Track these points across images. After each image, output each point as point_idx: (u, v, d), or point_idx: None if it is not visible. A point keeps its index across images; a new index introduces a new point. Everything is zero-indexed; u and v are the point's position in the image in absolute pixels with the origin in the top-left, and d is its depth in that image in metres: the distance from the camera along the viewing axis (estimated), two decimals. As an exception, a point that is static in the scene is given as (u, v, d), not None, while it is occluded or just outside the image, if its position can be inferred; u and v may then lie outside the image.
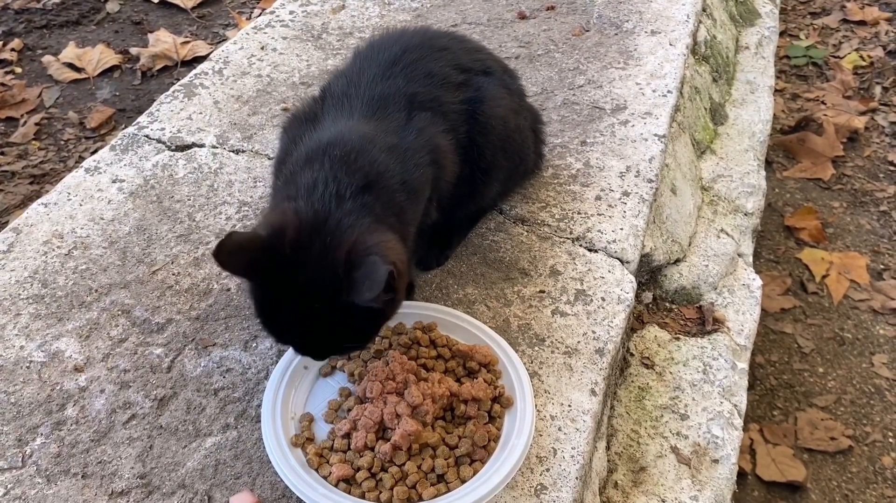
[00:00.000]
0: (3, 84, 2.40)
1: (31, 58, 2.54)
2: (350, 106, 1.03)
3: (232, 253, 0.85)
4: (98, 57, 2.50)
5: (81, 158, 2.19)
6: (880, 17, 2.96)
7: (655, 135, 1.42)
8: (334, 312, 0.86)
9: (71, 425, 0.99)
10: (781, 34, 2.93)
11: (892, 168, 2.38)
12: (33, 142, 2.25)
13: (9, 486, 0.92)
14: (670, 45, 1.67)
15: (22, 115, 2.33)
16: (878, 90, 2.66)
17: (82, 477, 0.93)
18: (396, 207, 0.95)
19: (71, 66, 2.48)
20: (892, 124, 2.53)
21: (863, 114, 2.55)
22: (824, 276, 2.02)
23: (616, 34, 1.72)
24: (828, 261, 2.06)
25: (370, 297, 0.81)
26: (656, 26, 1.74)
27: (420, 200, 1.00)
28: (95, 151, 2.18)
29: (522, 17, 1.79)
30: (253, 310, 0.92)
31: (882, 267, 2.07)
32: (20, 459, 0.95)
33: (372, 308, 0.85)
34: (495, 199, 1.25)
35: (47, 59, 2.50)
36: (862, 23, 2.97)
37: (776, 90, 2.61)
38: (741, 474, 1.59)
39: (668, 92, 1.53)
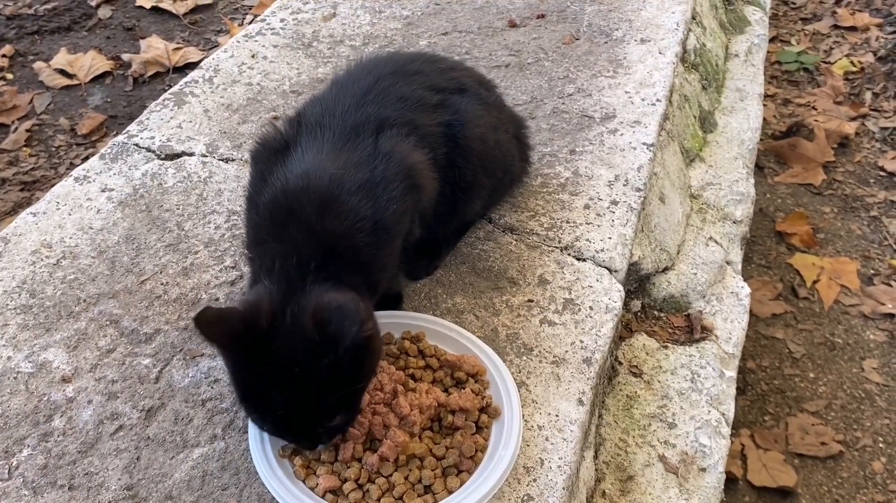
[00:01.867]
0: (-6, 90, 2.40)
1: (23, 64, 2.54)
2: (322, 137, 1.01)
3: (211, 323, 0.84)
4: (89, 63, 2.50)
5: (73, 165, 2.18)
6: (871, 23, 2.98)
7: (644, 143, 1.43)
8: (312, 377, 0.84)
9: (58, 436, 0.98)
10: (773, 40, 2.94)
11: (882, 173, 2.39)
12: (24, 148, 2.24)
13: (-5, 499, 0.92)
14: (660, 53, 1.68)
15: (13, 122, 2.32)
16: (868, 96, 2.67)
17: (69, 488, 0.93)
18: (363, 262, 0.93)
19: (62, 72, 2.48)
20: (883, 130, 2.54)
21: (853, 119, 2.56)
22: (815, 282, 2.03)
23: (606, 42, 1.72)
24: (819, 266, 2.07)
25: (355, 331, 0.80)
26: (646, 34, 1.74)
27: (396, 237, 0.98)
28: (86, 158, 2.18)
29: (513, 25, 1.79)
30: (236, 396, 0.90)
31: (872, 272, 2.08)
32: (7, 471, 0.95)
33: (352, 366, 0.84)
34: (481, 211, 1.25)
35: (38, 65, 2.50)
36: (853, 28, 2.99)
37: (767, 95, 2.63)
38: (732, 479, 1.60)
39: (657, 100, 1.53)
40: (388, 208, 0.95)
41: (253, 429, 0.94)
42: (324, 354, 0.82)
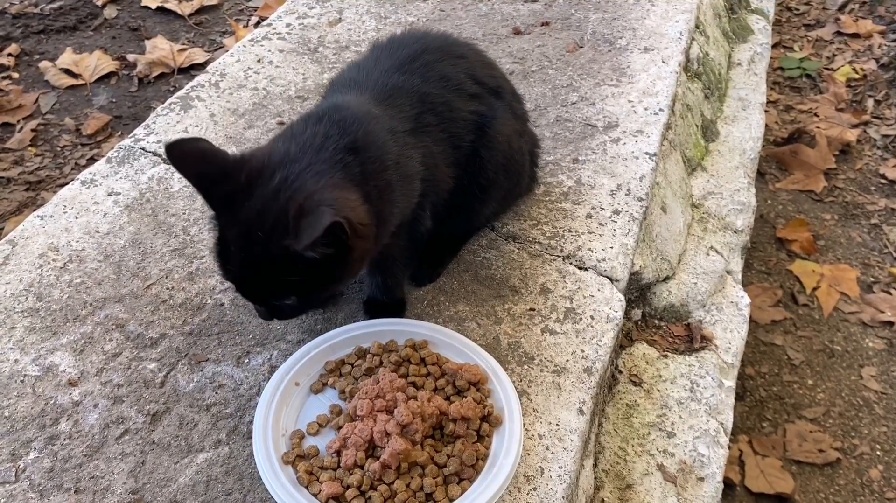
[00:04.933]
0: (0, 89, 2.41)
1: (28, 63, 2.55)
2: (359, 90, 1.05)
3: (188, 154, 0.86)
4: (95, 63, 2.51)
5: (77, 165, 2.19)
6: (874, 30, 2.98)
7: (646, 153, 1.44)
8: (278, 253, 0.84)
9: (64, 440, 1.00)
10: (776, 46, 2.95)
11: (883, 181, 2.40)
12: (29, 148, 2.25)
13: (2, 501, 0.93)
14: (663, 62, 1.69)
15: (18, 121, 2.33)
16: (870, 103, 2.68)
17: (75, 492, 0.94)
18: (382, 180, 0.95)
19: (68, 71, 2.49)
20: (885, 137, 2.55)
21: (855, 126, 2.57)
22: (815, 289, 2.04)
23: (609, 51, 1.73)
24: (819, 273, 2.08)
25: (306, 243, 0.80)
26: (649, 43, 1.75)
27: (411, 184, 1.01)
28: (91, 158, 2.19)
29: (517, 32, 1.80)
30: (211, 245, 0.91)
31: (872, 279, 2.09)
32: (14, 474, 0.96)
33: (318, 261, 0.84)
34: (489, 217, 1.26)
35: (44, 64, 2.51)
36: (855, 35, 2.99)
37: (770, 101, 2.64)
38: (730, 485, 1.61)
39: (660, 110, 1.54)
40: (409, 160, 0.99)
41: (257, 435, 0.96)
42: (287, 238, 0.83)
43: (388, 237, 1.00)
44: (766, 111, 2.08)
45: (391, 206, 0.97)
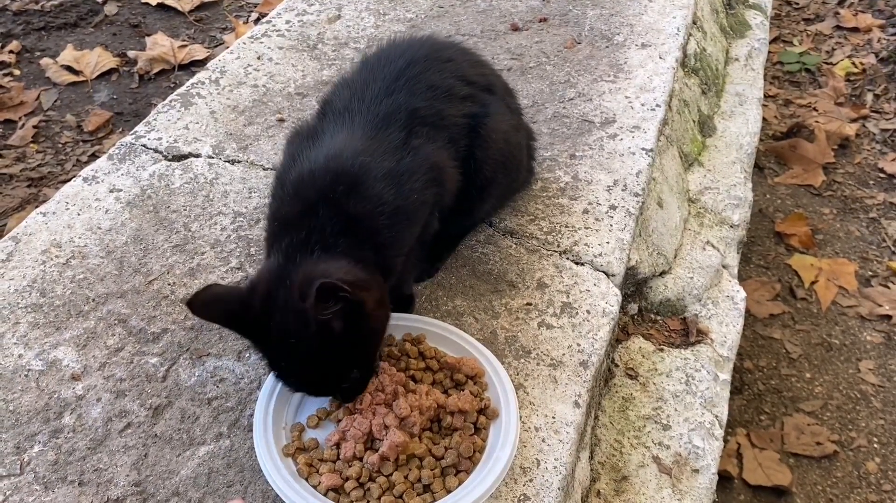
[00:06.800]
0: (1, 86, 2.42)
1: (30, 60, 2.56)
2: (352, 122, 1.04)
3: (205, 303, 0.91)
4: (96, 60, 2.52)
5: (79, 162, 2.21)
6: (873, 24, 2.99)
7: (643, 149, 1.45)
8: (311, 346, 0.89)
9: (68, 433, 1.01)
10: (775, 40, 2.95)
11: (882, 175, 2.41)
12: (31, 144, 2.27)
13: (7, 494, 0.94)
14: (660, 58, 1.69)
15: (20, 118, 2.35)
16: (869, 97, 2.68)
17: (79, 484, 0.96)
18: (381, 243, 0.97)
19: (69, 68, 2.50)
20: (883, 132, 2.55)
21: (854, 121, 2.58)
22: (813, 283, 2.05)
23: (607, 47, 1.74)
24: (817, 267, 2.09)
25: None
26: (647, 39, 1.76)
27: (416, 222, 1.02)
28: (93, 155, 2.21)
29: (515, 28, 1.81)
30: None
31: (870, 273, 2.10)
32: (18, 467, 0.97)
33: (347, 335, 0.88)
34: (487, 213, 1.28)
35: (45, 61, 2.52)
36: (855, 30, 3.00)
37: (769, 96, 2.64)
38: (728, 478, 1.62)
39: (657, 105, 1.55)
40: (409, 197, 0.99)
41: (258, 428, 0.97)
42: (309, 324, 0.87)
43: (403, 259, 1.03)
44: (764, 106, 2.09)
45: (396, 254, 1.00)
